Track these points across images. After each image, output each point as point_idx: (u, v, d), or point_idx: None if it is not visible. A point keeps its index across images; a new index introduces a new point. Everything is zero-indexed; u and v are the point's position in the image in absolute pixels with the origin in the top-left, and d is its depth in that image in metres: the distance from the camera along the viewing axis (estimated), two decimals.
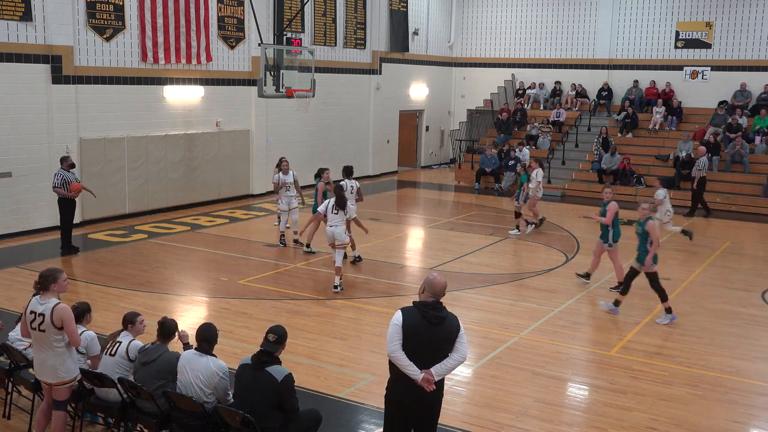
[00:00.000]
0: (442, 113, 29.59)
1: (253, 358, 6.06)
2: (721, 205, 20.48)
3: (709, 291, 12.50)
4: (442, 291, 5.58)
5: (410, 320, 5.45)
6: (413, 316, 5.47)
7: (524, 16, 27.76)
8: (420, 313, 5.48)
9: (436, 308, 5.51)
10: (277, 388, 5.91)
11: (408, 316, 5.49)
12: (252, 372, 6.00)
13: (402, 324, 5.45)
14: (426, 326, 5.44)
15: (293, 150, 21.62)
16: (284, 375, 5.97)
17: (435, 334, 5.47)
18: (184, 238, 15.68)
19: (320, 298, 11.65)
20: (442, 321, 5.49)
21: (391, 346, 5.47)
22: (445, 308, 5.58)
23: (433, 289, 5.56)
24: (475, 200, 21.57)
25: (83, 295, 10.99)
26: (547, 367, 9.02)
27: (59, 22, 15.47)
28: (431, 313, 5.47)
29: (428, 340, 5.46)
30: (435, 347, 5.50)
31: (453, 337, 5.55)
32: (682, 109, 24.37)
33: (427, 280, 5.62)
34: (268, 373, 5.95)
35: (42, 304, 6.29)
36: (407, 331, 5.44)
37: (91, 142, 16.43)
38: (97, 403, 6.84)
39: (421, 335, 5.44)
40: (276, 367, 6.01)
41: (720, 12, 24.29)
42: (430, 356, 5.48)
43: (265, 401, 5.93)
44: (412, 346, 5.44)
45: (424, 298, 5.57)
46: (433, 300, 5.54)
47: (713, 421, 7.71)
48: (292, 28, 20.37)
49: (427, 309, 5.49)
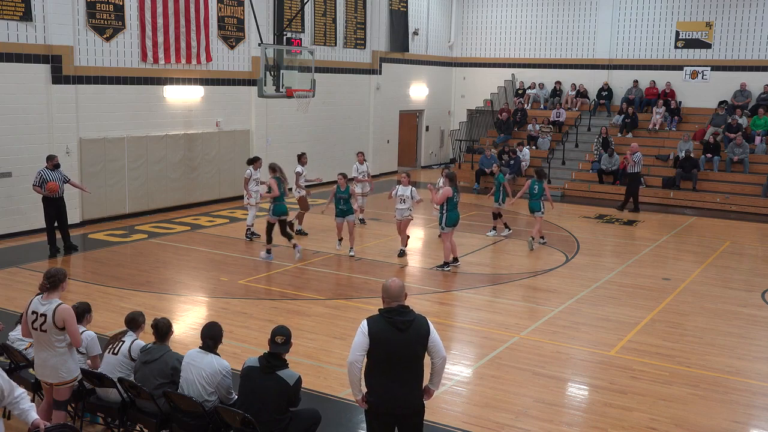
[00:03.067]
0: (442, 113, 29.59)
1: (261, 361, 6.05)
2: (721, 205, 20.49)
3: (709, 291, 12.49)
4: (399, 293, 5.43)
5: (377, 329, 5.33)
6: (379, 325, 5.34)
7: (524, 16, 27.76)
8: (385, 320, 5.35)
9: (401, 313, 5.38)
10: (289, 392, 5.94)
11: (374, 325, 5.36)
12: (262, 375, 5.98)
13: (368, 333, 5.32)
14: (393, 332, 5.32)
15: (293, 150, 21.60)
16: (296, 379, 6.01)
17: (404, 339, 5.34)
18: (184, 238, 15.68)
19: (320, 298, 11.65)
20: (410, 325, 5.36)
21: (353, 356, 5.34)
22: (412, 311, 5.46)
23: (389, 293, 5.43)
24: (475, 200, 21.56)
25: (83, 295, 10.97)
26: (547, 367, 9.02)
27: (59, 22, 15.47)
28: (397, 319, 5.34)
29: (398, 347, 5.34)
30: (406, 352, 5.38)
31: (424, 339, 5.41)
32: (682, 109, 24.39)
33: (383, 287, 5.50)
34: (279, 378, 5.95)
35: (44, 305, 6.30)
36: (375, 340, 5.31)
37: (91, 142, 16.43)
38: (98, 403, 6.85)
39: (390, 342, 5.32)
40: (286, 371, 6.02)
41: (720, 12, 24.29)
42: (403, 361, 5.39)
43: (275, 405, 5.93)
44: (382, 354, 5.34)
45: (385, 304, 5.45)
46: (397, 305, 5.41)
47: (713, 421, 7.71)
48: (292, 28, 20.36)
49: (392, 315, 5.36)
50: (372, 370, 5.45)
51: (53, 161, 13.75)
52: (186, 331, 9.95)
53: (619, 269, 13.79)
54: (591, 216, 19.20)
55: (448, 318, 11.04)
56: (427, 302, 11.49)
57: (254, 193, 15.38)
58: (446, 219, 12.97)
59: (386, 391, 5.42)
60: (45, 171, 13.64)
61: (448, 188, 12.93)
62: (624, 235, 17.18)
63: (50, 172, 13.64)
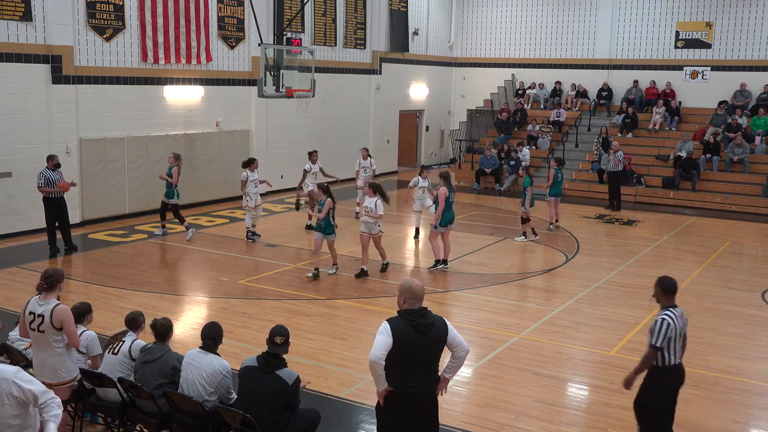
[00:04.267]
0: (442, 113, 29.58)
1: (260, 361, 6.05)
2: (721, 205, 20.49)
3: (710, 291, 12.49)
4: (422, 295, 5.44)
5: (399, 331, 5.29)
6: (402, 327, 5.31)
7: (524, 16, 27.75)
8: (408, 323, 5.32)
9: (422, 315, 5.36)
10: (288, 391, 5.93)
11: (396, 327, 5.31)
12: (260, 375, 5.99)
13: (392, 335, 5.27)
14: (416, 335, 5.30)
15: (293, 150, 21.63)
16: (294, 378, 6.00)
17: (426, 341, 5.34)
18: (184, 237, 15.67)
19: (320, 298, 11.65)
20: (431, 328, 5.35)
21: (377, 354, 5.26)
22: (431, 312, 5.47)
23: (414, 294, 5.40)
24: (475, 200, 21.57)
25: (83, 295, 10.96)
26: (547, 367, 9.02)
27: (59, 22, 15.47)
28: (419, 322, 5.31)
29: (419, 348, 5.34)
30: (427, 354, 5.39)
31: (443, 340, 5.43)
32: (682, 109, 24.38)
33: (405, 287, 5.44)
34: (278, 377, 5.94)
35: (41, 305, 6.29)
36: (398, 342, 5.27)
37: (91, 142, 16.42)
38: (98, 403, 6.85)
39: (412, 345, 5.30)
40: (285, 370, 6.02)
41: (720, 12, 24.29)
42: (422, 361, 5.39)
43: (274, 404, 5.93)
44: (403, 355, 5.31)
45: (407, 305, 5.41)
46: (418, 307, 5.39)
47: (714, 421, 7.71)
48: (292, 28, 20.36)
49: (414, 318, 5.33)
50: (388, 369, 5.38)
51: (53, 161, 13.75)
52: (186, 331, 9.95)
53: (619, 269, 13.79)
54: (591, 216, 19.20)
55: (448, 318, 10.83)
56: (427, 302, 11.26)
57: (253, 195, 15.30)
58: (441, 218, 12.91)
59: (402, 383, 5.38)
60: (47, 171, 13.64)
61: (443, 188, 12.89)
62: (624, 235, 17.17)
63: (51, 172, 13.64)
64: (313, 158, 16.60)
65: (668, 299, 6.39)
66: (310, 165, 16.54)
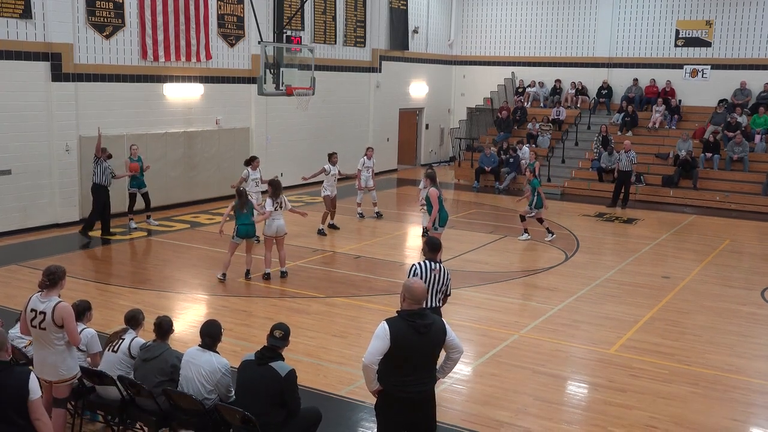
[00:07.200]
0: (442, 111, 29.57)
1: (257, 354, 6.07)
2: (720, 204, 20.50)
3: (709, 289, 12.50)
4: (423, 296, 5.45)
5: (398, 332, 5.28)
6: (401, 328, 5.30)
7: (524, 14, 27.73)
8: (407, 324, 5.32)
9: (422, 316, 5.37)
10: (281, 383, 5.92)
11: (395, 328, 5.31)
12: (256, 367, 6.00)
13: (390, 337, 5.27)
14: (415, 336, 5.30)
15: (293, 148, 21.64)
16: (288, 371, 5.97)
17: (424, 342, 5.35)
18: (184, 235, 15.68)
19: (320, 296, 11.65)
20: (430, 329, 5.36)
21: (370, 359, 5.29)
22: (430, 313, 5.49)
23: (414, 296, 5.40)
24: (475, 198, 21.57)
25: (83, 293, 10.96)
26: (546, 365, 9.02)
27: (59, 20, 15.46)
28: (419, 323, 5.32)
29: (418, 349, 5.35)
30: (425, 354, 5.41)
31: (441, 341, 5.47)
32: (682, 108, 24.38)
33: (406, 288, 5.45)
34: (271, 368, 5.95)
35: (43, 302, 6.29)
36: (396, 343, 5.27)
37: (91, 140, 16.34)
38: (97, 401, 6.85)
39: (411, 346, 5.31)
40: (280, 362, 6.02)
41: (720, 10, 24.27)
42: (420, 362, 5.41)
43: (267, 397, 5.92)
44: (401, 356, 5.32)
45: (407, 306, 5.43)
46: (418, 308, 5.40)
47: (713, 419, 7.71)
48: (291, 26, 20.34)
49: (414, 319, 5.33)
50: (387, 368, 5.38)
51: (105, 153, 14.93)
52: (186, 328, 9.95)
53: (618, 267, 13.80)
54: (591, 214, 19.20)
55: (447, 316, 10.93)
56: None
57: (254, 194, 15.18)
58: (438, 219, 12.78)
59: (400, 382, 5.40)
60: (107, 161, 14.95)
61: (434, 189, 12.82)
62: (624, 234, 17.18)
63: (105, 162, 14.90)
64: (333, 160, 16.28)
65: (432, 255, 7.31)
66: (330, 166, 16.23)
